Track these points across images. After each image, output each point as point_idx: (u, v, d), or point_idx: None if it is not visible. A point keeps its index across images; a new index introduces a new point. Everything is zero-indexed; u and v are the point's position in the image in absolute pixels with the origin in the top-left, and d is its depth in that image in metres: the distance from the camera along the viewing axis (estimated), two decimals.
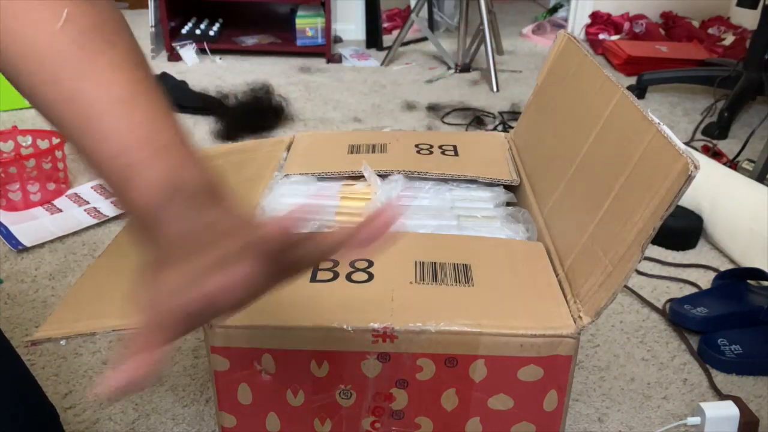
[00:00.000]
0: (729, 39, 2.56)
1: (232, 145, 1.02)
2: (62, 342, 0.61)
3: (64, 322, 0.63)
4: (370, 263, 0.66)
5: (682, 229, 1.29)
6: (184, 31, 2.49)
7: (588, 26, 2.75)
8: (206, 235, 0.38)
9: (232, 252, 0.37)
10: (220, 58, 2.44)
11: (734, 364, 0.98)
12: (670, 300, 1.12)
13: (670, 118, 1.97)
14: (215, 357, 0.61)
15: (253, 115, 1.82)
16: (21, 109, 1.92)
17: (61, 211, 1.38)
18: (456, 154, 0.91)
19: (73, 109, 0.41)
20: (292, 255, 0.38)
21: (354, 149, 0.92)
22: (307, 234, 0.39)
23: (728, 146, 1.74)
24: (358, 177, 0.87)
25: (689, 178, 0.53)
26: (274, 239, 0.37)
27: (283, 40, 2.53)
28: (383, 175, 0.86)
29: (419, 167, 0.86)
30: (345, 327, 0.59)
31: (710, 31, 2.65)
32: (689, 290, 1.17)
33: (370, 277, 0.64)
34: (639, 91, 2.12)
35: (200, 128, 1.83)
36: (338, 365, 0.61)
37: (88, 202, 1.42)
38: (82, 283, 0.70)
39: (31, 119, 1.86)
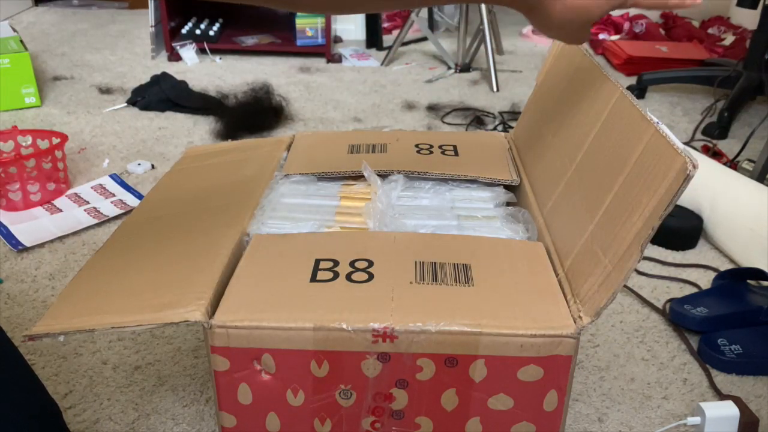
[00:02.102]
0: (729, 39, 2.56)
1: (232, 144, 1.02)
2: (60, 338, 0.61)
3: (62, 317, 0.62)
4: (370, 263, 0.67)
5: (682, 229, 1.29)
6: (184, 31, 2.49)
7: None
8: None
9: None
10: (220, 58, 2.44)
11: (734, 364, 0.98)
12: (670, 300, 1.12)
13: (670, 118, 1.97)
14: (215, 357, 0.61)
15: (253, 115, 1.82)
16: (21, 109, 1.92)
17: (61, 211, 1.39)
18: (456, 154, 0.91)
19: None
20: None
21: (354, 149, 0.92)
22: None
23: (728, 146, 1.75)
24: (358, 177, 0.87)
25: (688, 178, 0.53)
26: None
27: (283, 40, 2.53)
28: (383, 175, 0.86)
29: (419, 167, 0.86)
30: (345, 327, 0.59)
31: (710, 31, 2.65)
32: (689, 290, 1.17)
33: (370, 277, 0.65)
34: (639, 91, 2.12)
35: (200, 128, 1.83)
36: (338, 365, 0.61)
37: (88, 202, 1.42)
38: (79, 278, 0.69)
39: (31, 119, 1.86)
